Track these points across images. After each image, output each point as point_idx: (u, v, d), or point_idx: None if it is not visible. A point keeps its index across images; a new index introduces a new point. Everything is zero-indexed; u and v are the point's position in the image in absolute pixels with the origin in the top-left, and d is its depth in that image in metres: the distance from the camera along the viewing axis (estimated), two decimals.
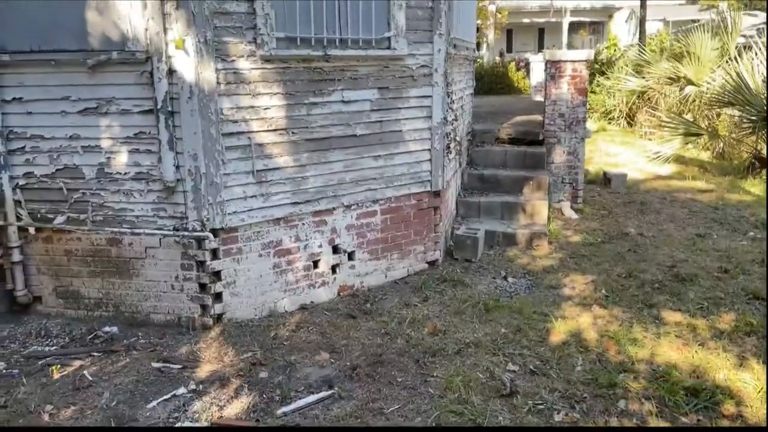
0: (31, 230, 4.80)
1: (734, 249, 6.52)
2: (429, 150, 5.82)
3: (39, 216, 4.82)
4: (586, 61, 8.06)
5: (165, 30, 4.31)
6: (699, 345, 4.38)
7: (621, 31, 35.22)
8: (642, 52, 15.43)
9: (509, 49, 33.60)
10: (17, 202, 4.78)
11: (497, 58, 26.66)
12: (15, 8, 4.48)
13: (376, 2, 5.19)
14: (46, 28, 4.46)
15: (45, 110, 4.59)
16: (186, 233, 4.60)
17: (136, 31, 4.34)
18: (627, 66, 15.63)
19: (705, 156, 11.97)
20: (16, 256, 4.83)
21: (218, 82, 4.48)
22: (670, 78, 13.32)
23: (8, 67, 4.54)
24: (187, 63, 4.33)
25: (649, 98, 14.18)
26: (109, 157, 4.61)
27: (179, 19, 4.28)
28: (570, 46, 30.40)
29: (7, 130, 4.66)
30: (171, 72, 4.36)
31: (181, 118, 4.41)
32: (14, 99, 4.59)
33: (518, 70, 21.24)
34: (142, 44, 4.35)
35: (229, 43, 4.51)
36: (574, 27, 32.62)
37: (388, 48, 5.35)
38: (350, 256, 5.52)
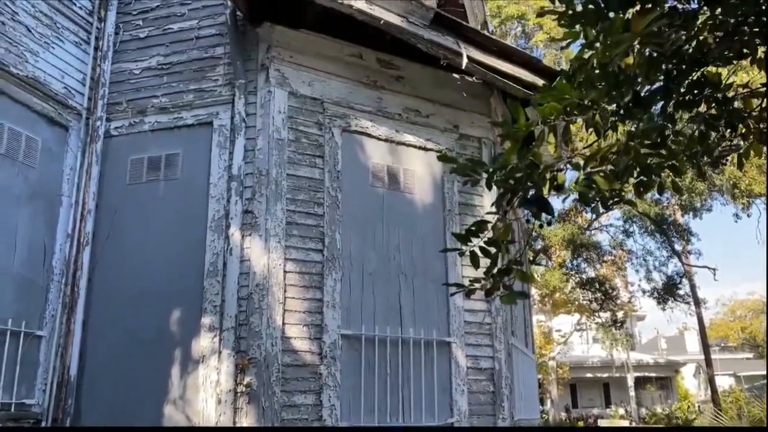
0: None
1: None
2: None
3: None
4: None
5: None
6: None
7: (690, 384, 34.29)
8: (719, 415, 14.68)
9: (574, 404, 32.71)
10: None
11: (563, 414, 25.83)
12: None
13: (438, 387, 5.32)
14: None
15: None
16: None
17: None
18: None
19: None
20: None
21: None
22: None
23: None
24: None
25: None
26: None
27: (249, 413, 4.44)
28: (638, 401, 29.43)
29: None
30: None
31: None
32: None
33: None
34: None
35: None
36: (640, 381, 32.03)
37: None
38: None
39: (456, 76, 5.65)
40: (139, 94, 5.54)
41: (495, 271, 1.85)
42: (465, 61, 5.34)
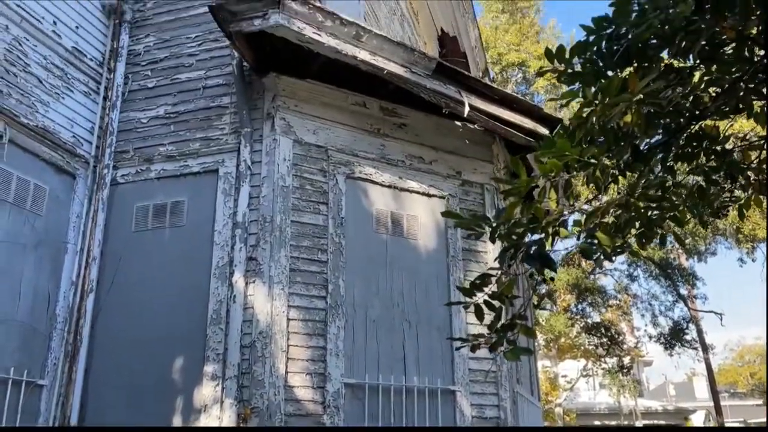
0: None
1: None
2: None
3: None
4: None
5: None
6: None
7: None
8: None
9: None
10: None
11: None
12: None
13: None
14: None
15: None
16: None
17: None
18: None
19: None
20: None
21: None
22: None
23: None
24: None
25: None
26: None
27: None
28: None
29: None
30: None
31: None
32: None
33: None
34: None
35: None
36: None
37: None
38: None
39: (458, 123, 5.73)
40: (146, 142, 5.63)
41: (499, 325, 1.85)
42: (467, 109, 5.43)
